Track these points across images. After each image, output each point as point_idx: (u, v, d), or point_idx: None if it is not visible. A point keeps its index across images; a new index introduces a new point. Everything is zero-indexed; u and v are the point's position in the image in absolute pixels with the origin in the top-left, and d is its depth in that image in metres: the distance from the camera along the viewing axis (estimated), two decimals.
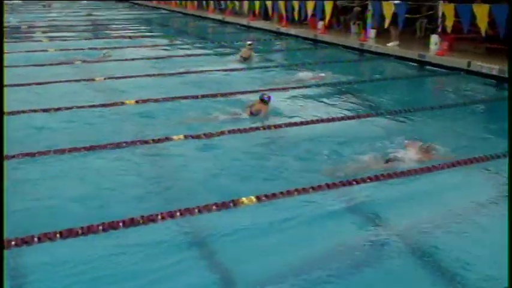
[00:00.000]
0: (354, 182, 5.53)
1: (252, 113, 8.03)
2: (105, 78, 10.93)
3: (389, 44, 14.51)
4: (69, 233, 4.35)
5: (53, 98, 8.97)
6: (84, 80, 10.73)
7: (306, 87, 10.38)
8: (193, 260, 4.20)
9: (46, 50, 14.64)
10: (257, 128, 7.44)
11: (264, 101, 8.20)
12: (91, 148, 6.46)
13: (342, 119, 8.09)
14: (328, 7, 17.08)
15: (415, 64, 13.15)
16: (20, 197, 5.07)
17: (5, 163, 3.64)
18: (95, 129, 7.47)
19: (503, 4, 11.61)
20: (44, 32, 19.40)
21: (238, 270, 4.04)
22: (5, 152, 3.91)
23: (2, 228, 3.03)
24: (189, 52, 15.15)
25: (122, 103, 8.81)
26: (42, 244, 4.23)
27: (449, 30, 12.86)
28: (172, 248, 4.32)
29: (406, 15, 14.45)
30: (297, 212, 4.99)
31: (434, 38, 13.61)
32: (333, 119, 8.00)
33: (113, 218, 4.59)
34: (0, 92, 3.38)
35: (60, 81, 10.43)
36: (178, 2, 30.18)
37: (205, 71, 12.00)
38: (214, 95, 9.43)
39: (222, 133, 7.18)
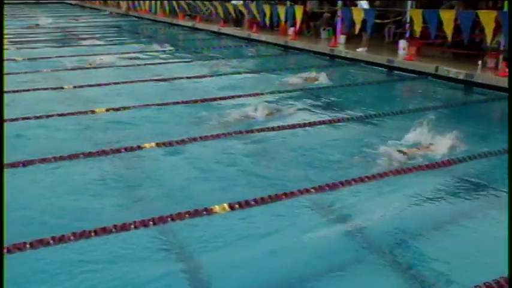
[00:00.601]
0: (327, 187, 5.57)
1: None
2: (74, 87, 10.81)
3: (359, 50, 14.69)
4: (39, 243, 4.29)
5: (21, 108, 8.83)
6: (52, 88, 10.60)
7: (278, 92, 10.44)
8: (167, 269, 4.17)
9: (14, 60, 14.41)
10: (229, 134, 7.45)
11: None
12: (61, 158, 6.38)
13: (315, 124, 8.14)
14: (299, 12, 17.18)
15: (384, 69, 13.34)
16: None
17: None
18: (65, 139, 7.37)
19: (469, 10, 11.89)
20: (10, 41, 19.07)
21: (212, 280, 4.03)
22: None
23: (2, 232, 2.97)
24: (160, 59, 15.08)
25: (92, 111, 8.72)
26: (12, 254, 4.16)
27: (417, 34, 13.04)
28: (145, 257, 4.29)
29: (376, 21, 14.64)
30: (270, 220, 5.01)
31: (402, 44, 13.84)
32: (304, 125, 8.04)
33: (85, 227, 4.54)
34: (1, 99, 3.30)
35: (28, 90, 10.28)
36: (148, 8, 29.98)
37: (177, 78, 11.97)
38: (186, 102, 9.42)
39: (194, 140, 7.17)
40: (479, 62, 11.69)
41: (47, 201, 5.33)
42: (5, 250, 4.16)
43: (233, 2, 21.24)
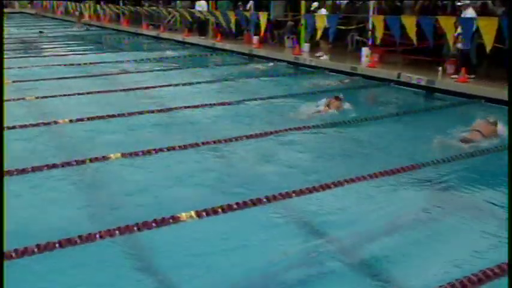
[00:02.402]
0: (293, 194, 5.60)
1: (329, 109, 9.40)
2: (36, 97, 10.63)
3: (319, 56, 14.88)
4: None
5: None
6: (14, 99, 10.39)
7: (245, 101, 10.48)
8: (134, 279, 4.13)
9: None
10: (197, 144, 7.43)
11: (339, 98, 9.55)
12: (24, 171, 6.26)
13: (281, 131, 8.16)
14: (263, 19, 17.13)
15: (348, 76, 13.50)
16: None
17: None
18: (28, 151, 7.24)
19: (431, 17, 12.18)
20: None
21: None
22: None
23: (1, 234, 2.89)
24: (124, 69, 14.94)
25: (55, 122, 8.60)
26: None
27: (379, 41, 13.22)
28: (112, 268, 4.25)
29: (340, 27, 14.78)
30: (237, 227, 5.02)
31: (365, 51, 14.05)
32: (271, 133, 8.06)
33: (48, 239, 4.47)
34: (1, 101, 3.20)
35: None
36: (113, 18, 29.74)
37: (142, 87, 11.90)
38: (151, 111, 9.37)
39: (161, 150, 7.13)
40: (440, 69, 11.96)
41: (9, 213, 5.21)
42: None
43: (198, 8, 21.21)
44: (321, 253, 4.53)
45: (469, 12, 11.37)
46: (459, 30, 11.35)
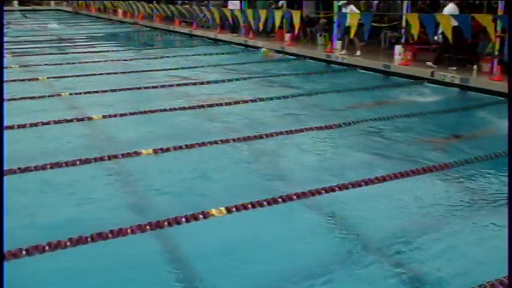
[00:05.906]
0: (323, 191, 5.58)
1: None
2: (71, 94, 10.80)
3: (356, 54, 14.77)
4: (35, 250, 4.28)
5: (17, 115, 8.78)
6: (49, 96, 10.59)
7: (277, 98, 10.47)
8: (165, 274, 4.16)
9: (10, 67, 14.36)
10: (226, 140, 7.45)
11: None
12: (57, 164, 6.37)
13: (312, 129, 8.13)
14: (296, 17, 17.01)
15: (381, 74, 13.36)
16: None
17: None
18: (62, 145, 7.37)
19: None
20: (5, 48, 18.99)
21: (210, 284, 4.02)
22: None
23: (1, 234, 2.97)
24: (157, 66, 15.06)
25: (89, 118, 8.73)
26: (8, 261, 4.14)
27: (415, 37, 12.96)
28: (143, 262, 4.28)
29: (373, 24, 14.61)
30: (267, 223, 5.02)
31: (398, 49, 13.87)
32: (301, 130, 8.05)
33: (81, 232, 4.53)
34: (1, 102, 3.29)
35: (25, 98, 10.25)
36: (145, 15, 30.00)
37: (175, 84, 11.99)
38: (183, 108, 9.44)
39: (192, 146, 7.17)
40: (474, 67, 11.73)
41: (41, 207, 5.33)
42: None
43: (230, 7, 21.21)
44: (354, 251, 4.51)
45: (449, 8, 11.73)
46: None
